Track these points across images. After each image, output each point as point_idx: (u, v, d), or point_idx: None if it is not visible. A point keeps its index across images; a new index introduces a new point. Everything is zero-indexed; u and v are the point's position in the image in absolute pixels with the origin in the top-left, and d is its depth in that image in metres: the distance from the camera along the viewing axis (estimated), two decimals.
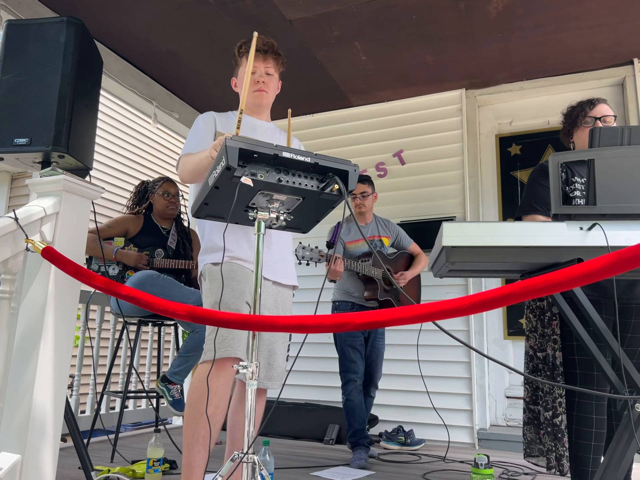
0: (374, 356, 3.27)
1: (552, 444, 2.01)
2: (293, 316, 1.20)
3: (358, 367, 3.15)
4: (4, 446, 1.63)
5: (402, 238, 3.45)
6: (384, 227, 3.41)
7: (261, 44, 1.97)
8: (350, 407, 3.09)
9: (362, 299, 3.20)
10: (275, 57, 2.03)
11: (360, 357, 3.18)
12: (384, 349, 3.33)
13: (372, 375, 3.27)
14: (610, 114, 2.18)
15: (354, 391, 3.11)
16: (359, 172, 4.45)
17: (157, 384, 2.95)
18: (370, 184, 3.33)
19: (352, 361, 3.14)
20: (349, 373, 3.13)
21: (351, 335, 3.18)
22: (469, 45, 3.57)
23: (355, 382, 3.12)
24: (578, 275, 0.94)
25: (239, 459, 1.37)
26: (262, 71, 2.00)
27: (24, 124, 1.78)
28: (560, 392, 2.05)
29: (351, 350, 3.16)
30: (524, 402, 2.14)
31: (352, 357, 3.15)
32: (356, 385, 3.12)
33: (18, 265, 1.71)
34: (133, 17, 3.34)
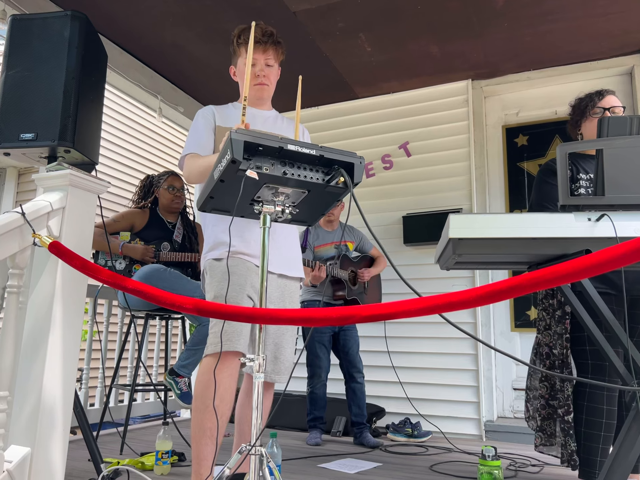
0: (349, 344, 3.46)
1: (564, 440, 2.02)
2: (299, 309, 1.19)
3: (322, 362, 3.41)
4: (13, 439, 1.64)
5: (364, 243, 3.69)
6: (348, 232, 3.66)
7: (260, 34, 1.94)
8: (313, 398, 3.43)
9: (330, 298, 3.47)
10: (274, 47, 1.99)
11: (326, 352, 3.43)
12: (357, 336, 3.52)
13: (352, 361, 3.44)
14: (619, 104, 2.16)
15: (318, 384, 3.41)
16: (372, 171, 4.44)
17: (165, 377, 2.97)
18: None
19: (317, 356, 3.40)
20: (313, 367, 3.41)
21: (318, 332, 3.42)
22: (475, 35, 3.53)
23: (319, 377, 3.40)
24: (586, 267, 0.93)
25: (247, 451, 1.38)
26: (262, 64, 1.98)
27: (29, 119, 1.78)
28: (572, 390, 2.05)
29: (318, 346, 3.41)
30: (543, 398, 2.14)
31: (318, 353, 3.40)
32: (320, 380, 3.41)
33: (25, 260, 1.72)
34: (137, 11, 3.33)
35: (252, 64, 1.98)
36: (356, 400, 3.41)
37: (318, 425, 3.45)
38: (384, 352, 4.00)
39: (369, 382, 3.71)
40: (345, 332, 3.49)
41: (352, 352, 3.45)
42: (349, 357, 3.44)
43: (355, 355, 3.46)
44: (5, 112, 1.80)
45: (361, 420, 3.41)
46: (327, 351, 3.42)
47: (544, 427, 2.13)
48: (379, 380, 4.00)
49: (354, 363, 3.44)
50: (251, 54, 1.59)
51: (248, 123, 1.61)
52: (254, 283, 1.85)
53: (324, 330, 3.42)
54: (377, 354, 4.03)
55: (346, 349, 3.45)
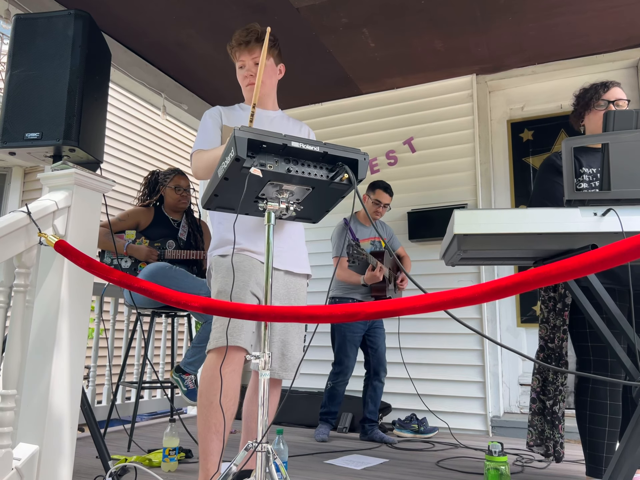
0: (378, 341, 3.40)
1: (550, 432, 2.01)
2: (304, 306, 1.19)
3: (351, 362, 3.35)
4: (22, 437, 1.66)
5: (393, 241, 3.64)
6: (381, 228, 3.59)
7: (244, 35, 1.97)
8: (333, 394, 3.37)
9: (366, 296, 3.34)
10: (260, 45, 1.97)
11: (355, 352, 3.36)
12: (385, 334, 3.47)
13: (380, 359, 3.39)
14: (624, 97, 2.15)
15: (341, 382, 3.35)
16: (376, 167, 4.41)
17: (172, 374, 2.99)
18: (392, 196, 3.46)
19: (347, 355, 3.33)
20: (341, 366, 3.34)
21: (351, 331, 3.32)
22: (479, 29, 3.51)
23: (344, 375, 3.34)
24: (592, 262, 0.93)
25: (253, 447, 1.38)
26: (250, 64, 2.00)
27: (34, 118, 1.79)
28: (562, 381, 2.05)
29: (349, 345, 3.33)
30: (534, 392, 2.14)
31: (348, 352, 3.33)
32: (345, 379, 3.35)
33: (32, 259, 1.73)
34: (140, 9, 3.33)
35: (241, 67, 2.02)
36: (374, 398, 3.37)
37: (329, 420, 3.43)
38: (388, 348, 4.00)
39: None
40: (375, 329, 3.42)
41: (380, 350, 3.41)
42: (378, 355, 3.39)
43: (384, 353, 3.42)
44: (10, 112, 1.80)
45: (374, 418, 3.39)
46: (356, 351, 3.38)
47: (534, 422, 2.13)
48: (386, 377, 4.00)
49: (381, 361, 3.39)
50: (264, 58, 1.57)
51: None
52: (258, 279, 1.86)
53: (356, 330, 3.35)
54: None
55: (375, 346, 3.40)
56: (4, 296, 1.68)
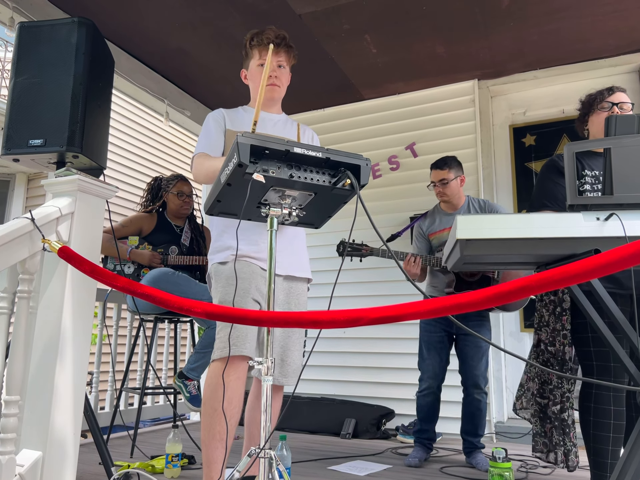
0: (466, 349, 2.89)
1: (560, 439, 2.00)
2: (307, 312, 1.19)
3: (431, 367, 2.91)
4: (25, 443, 1.65)
5: None
6: (478, 210, 3.02)
7: (273, 36, 1.97)
8: (419, 404, 2.96)
9: (443, 293, 2.94)
10: (287, 50, 2.02)
11: (437, 355, 2.91)
12: (484, 343, 2.88)
13: (467, 372, 2.88)
14: (628, 101, 2.15)
15: (425, 392, 2.92)
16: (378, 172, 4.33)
17: (174, 380, 2.98)
18: (451, 167, 2.98)
19: (425, 359, 2.94)
20: (421, 372, 2.97)
21: (427, 331, 2.96)
22: (480, 34, 3.52)
23: (426, 383, 2.91)
24: (595, 267, 0.93)
25: (256, 454, 1.38)
26: (274, 64, 2.00)
27: (38, 125, 1.80)
28: (569, 387, 2.03)
29: (425, 347, 2.96)
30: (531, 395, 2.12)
31: (426, 355, 2.94)
32: (428, 387, 2.90)
33: (35, 265, 1.73)
34: (143, 16, 3.35)
35: (263, 64, 2.00)
36: (468, 416, 2.89)
37: (421, 440, 2.95)
38: (392, 353, 3.99)
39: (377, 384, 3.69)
40: (464, 336, 2.90)
41: (469, 360, 2.86)
42: (465, 367, 2.89)
43: (476, 365, 2.84)
44: (14, 119, 1.82)
45: (471, 440, 2.90)
46: (437, 354, 2.90)
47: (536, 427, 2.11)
48: (388, 382, 3.99)
49: (469, 375, 2.86)
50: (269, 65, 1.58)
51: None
52: (258, 285, 1.85)
53: (433, 330, 2.93)
54: (384, 355, 4.02)
55: (462, 356, 2.90)
56: (7, 302, 1.68)
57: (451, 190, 2.96)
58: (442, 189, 2.96)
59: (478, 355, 2.86)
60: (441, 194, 2.98)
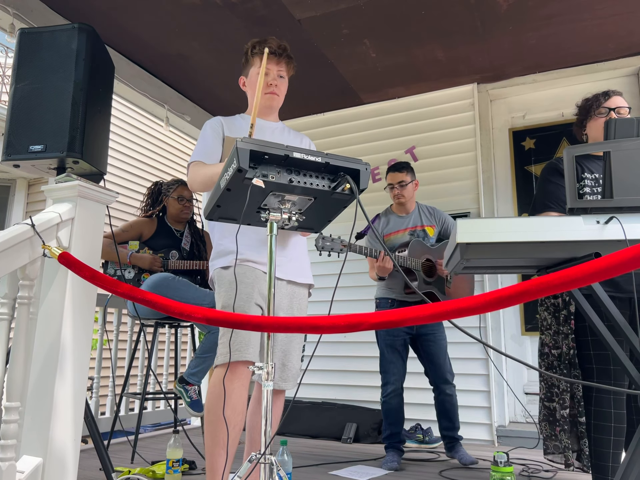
0: (433, 349, 3.03)
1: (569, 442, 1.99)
2: (307, 317, 1.19)
3: (396, 368, 3.01)
4: (25, 449, 1.65)
5: (449, 225, 3.24)
6: (428, 215, 3.21)
7: (275, 46, 1.99)
8: (386, 409, 3.01)
9: (402, 294, 3.06)
10: (287, 61, 2.05)
11: (400, 358, 3.04)
12: (444, 342, 3.07)
13: (437, 370, 3.03)
14: (625, 105, 2.15)
15: (391, 394, 2.99)
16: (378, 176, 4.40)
17: (175, 385, 2.98)
18: (409, 171, 3.16)
19: (390, 362, 3.03)
20: (386, 374, 3.04)
21: (390, 335, 3.03)
22: (479, 39, 3.53)
23: (392, 385, 3.00)
24: (596, 271, 0.92)
25: (257, 459, 1.38)
26: (274, 74, 2.01)
27: (38, 131, 1.80)
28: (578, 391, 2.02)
29: (389, 350, 3.03)
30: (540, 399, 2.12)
31: (390, 358, 3.03)
32: (395, 388, 3.00)
33: (36, 271, 1.73)
34: (143, 22, 3.36)
35: (265, 74, 2.00)
36: (445, 413, 3.02)
37: (394, 445, 3.00)
38: None
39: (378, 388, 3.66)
40: (427, 335, 3.04)
41: (437, 359, 3.02)
42: (434, 366, 3.03)
43: (443, 363, 3.02)
44: (14, 124, 1.82)
45: (452, 434, 3.03)
46: (400, 356, 3.03)
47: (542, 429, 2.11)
48: None
49: (439, 372, 3.01)
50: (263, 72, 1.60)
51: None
52: (262, 291, 1.85)
53: (396, 334, 3.02)
54: None
55: (429, 356, 3.05)
56: (8, 308, 1.68)
57: (408, 193, 3.15)
58: (400, 190, 3.13)
59: (442, 353, 3.04)
60: (399, 195, 3.14)
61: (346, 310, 4.13)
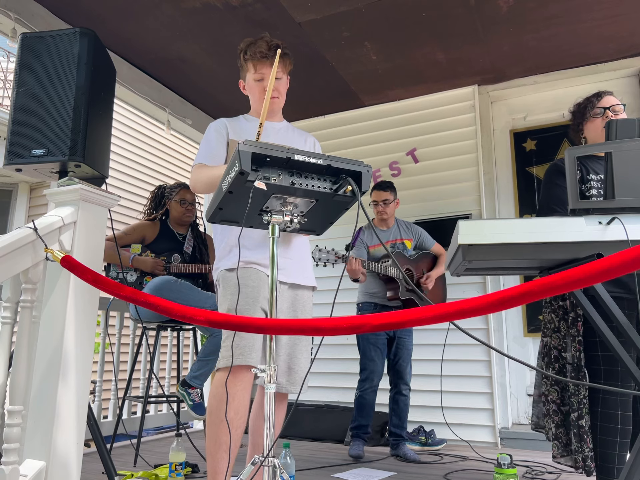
0: (400, 353, 3.28)
1: (578, 445, 1.98)
2: (309, 319, 1.19)
3: (377, 366, 3.23)
4: (28, 453, 1.65)
5: (424, 239, 3.52)
6: (405, 230, 3.49)
7: (266, 48, 1.95)
8: (361, 403, 3.24)
9: (384, 299, 3.28)
10: (282, 60, 2.00)
11: (381, 356, 3.25)
12: (411, 346, 3.34)
13: (400, 372, 3.27)
14: (619, 102, 2.15)
15: (369, 390, 3.22)
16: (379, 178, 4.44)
17: (177, 388, 2.98)
18: (392, 191, 3.42)
19: (372, 360, 3.23)
20: (366, 371, 3.23)
21: (374, 334, 3.24)
22: (480, 40, 3.54)
23: (371, 382, 3.22)
24: (598, 271, 0.92)
25: (260, 462, 1.38)
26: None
27: (40, 135, 1.81)
28: (585, 394, 2.01)
29: (372, 349, 3.23)
30: (554, 404, 2.10)
31: (373, 356, 3.23)
32: (372, 385, 3.22)
33: (38, 275, 1.74)
34: (144, 26, 3.37)
35: (261, 79, 1.99)
36: (398, 411, 3.27)
37: (361, 435, 3.27)
38: None
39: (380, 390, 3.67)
40: (400, 339, 3.30)
41: (402, 362, 3.28)
42: (398, 367, 3.28)
43: (406, 366, 3.29)
44: (16, 129, 1.83)
45: (399, 432, 3.28)
46: (381, 355, 3.26)
47: (559, 435, 2.09)
48: None
49: (402, 374, 3.27)
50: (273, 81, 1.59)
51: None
52: (266, 294, 1.85)
53: (379, 333, 3.25)
54: None
55: (397, 358, 3.29)
56: (10, 312, 1.69)
57: (390, 210, 3.41)
58: (383, 208, 3.39)
59: (409, 357, 3.32)
60: (382, 212, 3.40)
61: (348, 313, 4.13)
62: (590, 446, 1.98)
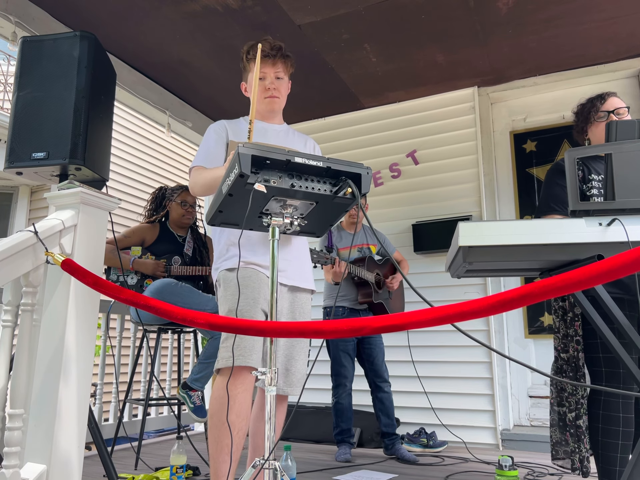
0: (374, 353, 3.36)
1: (576, 446, 1.98)
2: (310, 322, 1.19)
3: (348, 372, 3.33)
4: (29, 457, 1.65)
5: (387, 245, 3.65)
6: (371, 235, 3.60)
7: (269, 48, 1.96)
8: (339, 409, 3.32)
9: (354, 303, 3.37)
10: (283, 60, 2.02)
11: (351, 361, 3.36)
12: (382, 345, 3.41)
13: (377, 370, 3.34)
14: (623, 105, 2.15)
15: (344, 394, 3.32)
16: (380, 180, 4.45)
17: (178, 391, 2.97)
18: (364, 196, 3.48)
19: (343, 365, 3.32)
20: (339, 377, 3.33)
21: (343, 341, 3.34)
22: (480, 42, 3.54)
23: (345, 387, 3.32)
24: (599, 273, 0.92)
25: (261, 464, 1.37)
26: (272, 77, 2.00)
27: (41, 138, 1.81)
28: (583, 394, 2.01)
29: (342, 355, 3.33)
30: (550, 403, 2.10)
31: (343, 362, 3.33)
32: (346, 389, 3.32)
33: (39, 278, 1.74)
34: (144, 29, 3.37)
35: (262, 77, 1.99)
36: (384, 410, 3.30)
37: (346, 439, 3.34)
38: (395, 361, 3.98)
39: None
40: (369, 339, 3.38)
41: (377, 361, 3.35)
42: (374, 367, 3.34)
43: (381, 364, 3.37)
44: (17, 132, 1.83)
45: (392, 431, 3.30)
46: (351, 360, 3.35)
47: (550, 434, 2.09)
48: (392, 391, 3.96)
49: (379, 372, 3.34)
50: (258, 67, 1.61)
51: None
52: (267, 296, 1.85)
53: (348, 339, 3.33)
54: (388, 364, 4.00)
55: (371, 359, 3.36)
56: (11, 315, 1.69)
57: (361, 215, 3.51)
58: (355, 211, 3.49)
59: (382, 356, 3.39)
60: (354, 216, 3.55)
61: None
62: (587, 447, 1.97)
